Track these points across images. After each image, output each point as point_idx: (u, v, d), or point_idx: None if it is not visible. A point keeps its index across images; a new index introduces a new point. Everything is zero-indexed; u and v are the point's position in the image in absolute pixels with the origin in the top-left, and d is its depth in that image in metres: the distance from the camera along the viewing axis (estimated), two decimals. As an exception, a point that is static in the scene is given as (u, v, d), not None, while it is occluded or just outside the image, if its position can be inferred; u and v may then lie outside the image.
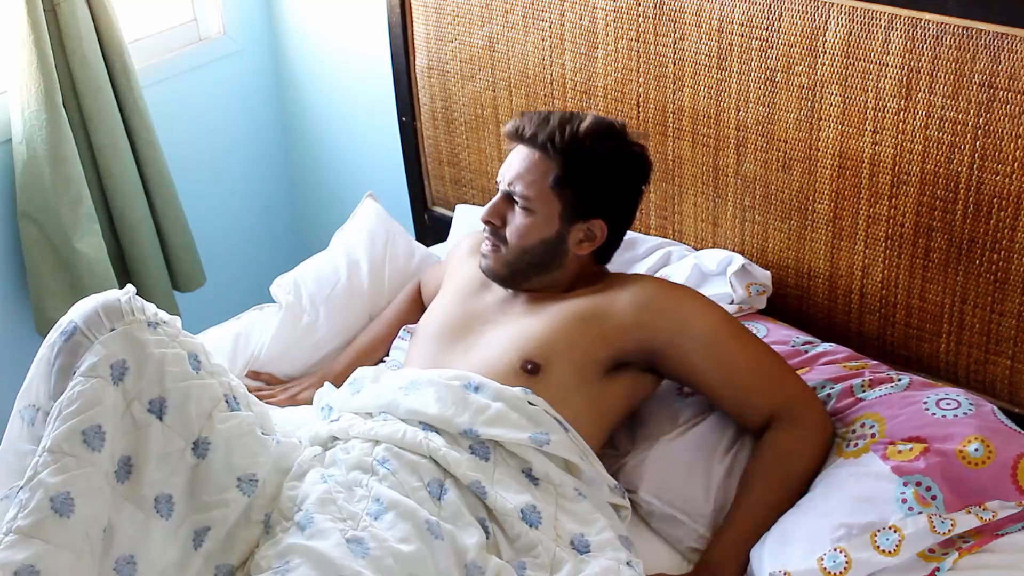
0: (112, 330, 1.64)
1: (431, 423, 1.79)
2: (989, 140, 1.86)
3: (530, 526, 1.71)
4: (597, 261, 2.00)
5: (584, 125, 1.89)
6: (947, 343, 2.05)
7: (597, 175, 1.90)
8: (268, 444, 1.75)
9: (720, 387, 1.87)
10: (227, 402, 1.73)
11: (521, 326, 1.91)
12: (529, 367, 1.84)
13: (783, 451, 1.82)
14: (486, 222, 1.94)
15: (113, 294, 1.69)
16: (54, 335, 1.66)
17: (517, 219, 1.92)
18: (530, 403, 1.81)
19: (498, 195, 1.94)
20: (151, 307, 1.71)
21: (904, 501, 1.66)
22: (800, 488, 1.81)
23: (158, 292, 2.73)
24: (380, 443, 1.77)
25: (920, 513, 1.65)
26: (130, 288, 1.72)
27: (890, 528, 1.65)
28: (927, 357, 2.09)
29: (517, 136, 1.92)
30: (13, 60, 2.42)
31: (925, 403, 1.82)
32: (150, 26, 2.84)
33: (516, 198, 1.91)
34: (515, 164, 1.92)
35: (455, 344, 1.95)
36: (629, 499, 1.89)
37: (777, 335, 2.08)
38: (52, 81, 2.42)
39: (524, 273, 1.95)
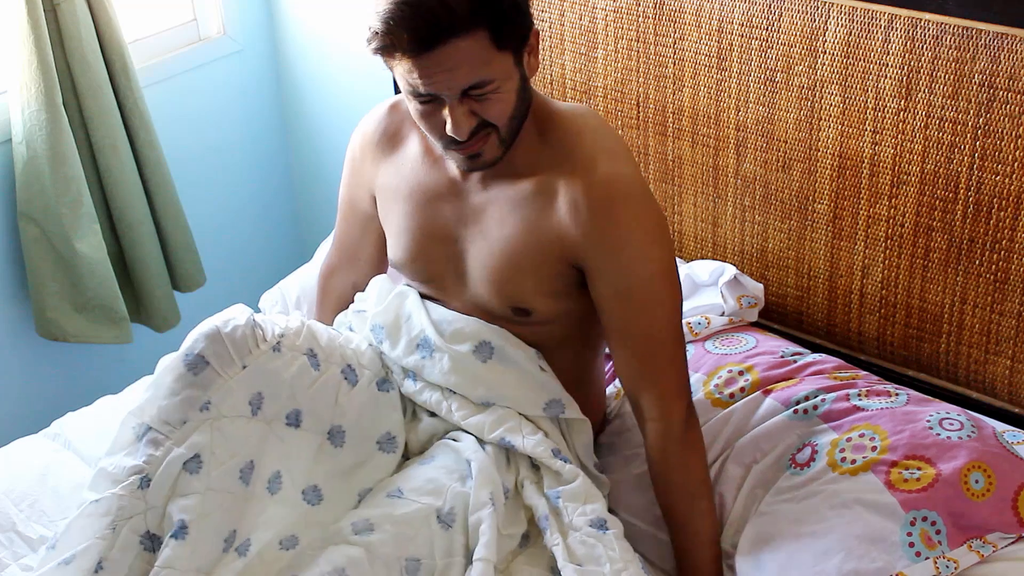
0: (244, 367, 1.70)
1: (453, 389, 1.84)
2: (989, 140, 1.86)
3: (564, 463, 1.77)
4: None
5: None
6: (947, 343, 2.05)
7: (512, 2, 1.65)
8: (390, 399, 1.84)
9: (613, 333, 1.79)
10: (346, 378, 1.80)
11: (486, 246, 1.79)
12: (519, 312, 1.82)
13: (678, 463, 1.79)
14: (467, 139, 1.67)
15: (237, 323, 1.72)
16: (179, 364, 1.69)
17: (494, 103, 1.65)
18: (541, 368, 1.83)
19: (454, 105, 1.63)
20: (269, 326, 1.76)
21: (912, 545, 1.66)
22: (708, 476, 1.82)
23: (158, 292, 2.72)
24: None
25: (927, 559, 1.65)
26: (247, 312, 1.75)
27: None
28: (927, 357, 2.09)
29: (416, 49, 1.58)
30: (13, 60, 2.42)
31: (928, 421, 1.81)
32: (150, 26, 2.83)
33: (478, 92, 1.63)
34: (449, 68, 1.59)
35: (445, 276, 1.86)
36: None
37: (766, 346, 2.06)
38: (52, 81, 2.42)
39: (514, 137, 1.73)
